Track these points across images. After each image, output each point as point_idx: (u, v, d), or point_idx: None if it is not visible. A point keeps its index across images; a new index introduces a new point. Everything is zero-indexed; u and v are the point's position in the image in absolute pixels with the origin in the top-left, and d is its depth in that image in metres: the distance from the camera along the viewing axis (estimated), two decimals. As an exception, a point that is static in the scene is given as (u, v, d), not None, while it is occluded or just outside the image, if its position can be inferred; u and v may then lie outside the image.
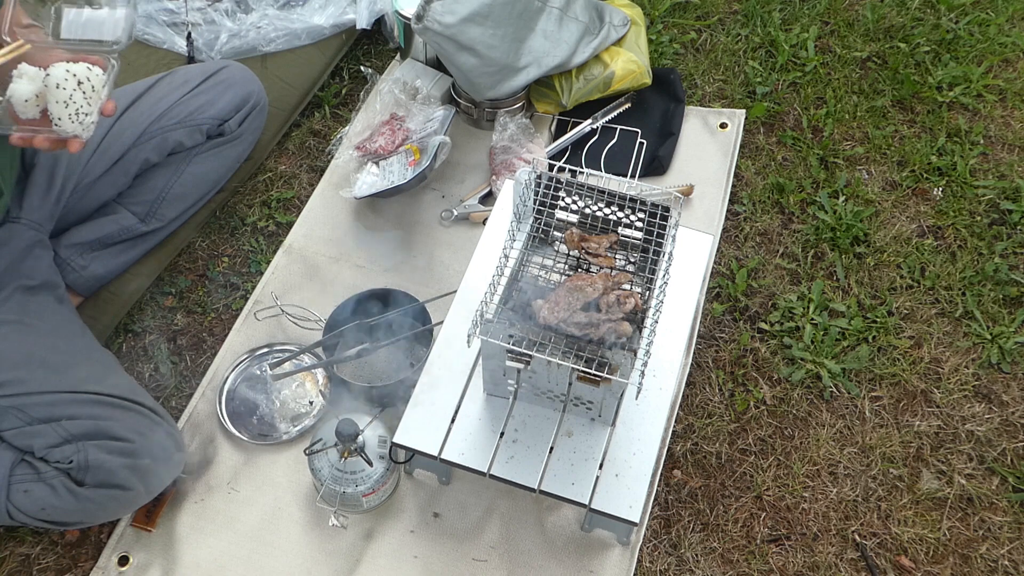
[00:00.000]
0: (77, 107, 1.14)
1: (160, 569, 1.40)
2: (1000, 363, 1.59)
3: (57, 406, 1.29)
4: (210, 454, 1.51)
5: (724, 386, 1.58)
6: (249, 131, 1.73)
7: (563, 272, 1.26)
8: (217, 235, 1.80)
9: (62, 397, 1.29)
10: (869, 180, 1.84)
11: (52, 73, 1.14)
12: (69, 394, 1.30)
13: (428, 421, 1.30)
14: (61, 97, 1.14)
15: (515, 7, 1.74)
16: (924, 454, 1.50)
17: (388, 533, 1.43)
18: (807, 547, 1.42)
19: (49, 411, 1.29)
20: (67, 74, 1.14)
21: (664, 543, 1.42)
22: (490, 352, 1.20)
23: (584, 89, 1.90)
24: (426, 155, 1.75)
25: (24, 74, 1.15)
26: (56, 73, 1.13)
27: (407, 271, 1.74)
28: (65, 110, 1.14)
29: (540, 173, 1.25)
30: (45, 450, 1.29)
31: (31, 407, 1.29)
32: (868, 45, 2.08)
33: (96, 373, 1.36)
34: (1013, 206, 1.78)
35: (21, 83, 1.15)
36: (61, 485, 1.28)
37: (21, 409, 1.29)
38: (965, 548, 1.41)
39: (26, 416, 1.29)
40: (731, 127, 1.93)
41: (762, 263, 1.73)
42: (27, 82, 1.15)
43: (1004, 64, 2.03)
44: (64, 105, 1.14)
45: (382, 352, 1.62)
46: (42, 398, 1.29)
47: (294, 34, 1.97)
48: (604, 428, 1.29)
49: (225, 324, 1.68)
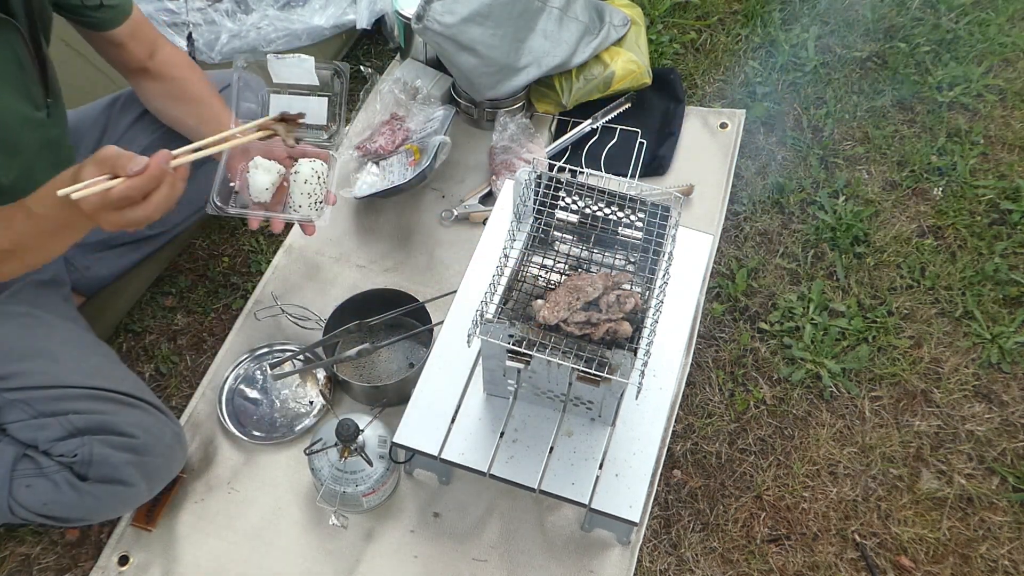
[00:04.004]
0: (316, 197, 1.34)
1: (160, 569, 1.40)
2: (1000, 363, 1.59)
3: (63, 400, 1.29)
4: (210, 454, 1.51)
5: (724, 386, 1.58)
6: None
7: (563, 272, 1.26)
8: (217, 235, 1.80)
9: (68, 392, 1.30)
10: (870, 180, 1.84)
11: (301, 170, 1.32)
12: (75, 389, 1.30)
13: (428, 421, 1.30)
14: (306, 189, 1.32)
15: (515, 7, 1.74)
16: (924, 454, 1.50)
17: (388, 533, 1.43)
18: (807, 547, 1.42)
19: (55, 405, 1.29)
20: (312, 171, 1.32)
21: (664, 543, 1.42)
22: (490, 352, 1.20)
23: (584, 89, 1.90)
24: (426, 155, 1.75)
25: (259, 165, 1.31)
26: (304, 170, 1.32)
27: (407, 271, 1.74)
28: (307, 199, 1.33)
29: (540, 173, 1.25)
30: (50, 443, 1.29)
31: (37, 400, 1.29)
32: (868, 45, 2.08)
33: (102, 369, 1.36)
34: (1013, 206, 1.78)
35: (259, 173, 1.31)
36: (63, 480, 1.29)
37: (27, 402, 1.29)
38: (965, 548, 1.41)
39: (32, 409, 1.29)
40: (731, 127, 1.93)
41: (762, 263, 1.73)
42: (264, 173, 1.31)
43: (1004, 64, 2.03)
44: (307, 196, 1.33)
45: (382, 352, 1.62)
46: (48, 392, 1.29)
47: (294, 34, 1.97)
48: (604, 428, 1.29)
49: (225, 324, 1.68)
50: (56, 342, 1.35)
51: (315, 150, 1.36)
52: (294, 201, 1.34)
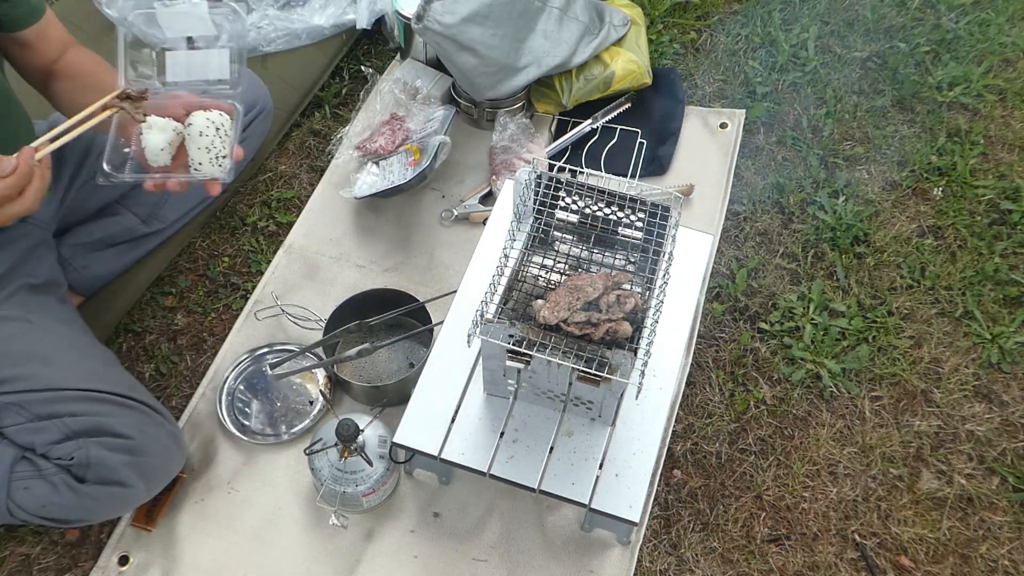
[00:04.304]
0: (217, 152, 1.21)
1: (160, 569, 1.40)
2: (1000, 363, 1.59)
3: (59, 403, 1.29)
4: (210, 454, 1.51)
5: (724, 386, 1.58)
6: (254, 135, 1.74)
7: (563, 272, 1.26)
8: (217, 235, 1.80)
9: (64, 394, 1.30)
10: (870, 180, 1.84)
11: (194, 122, 1.20)
12: (71, 391, 1.30)
13: (428, 421, 1.30)
14: (203, 144, 1.20)
15: (515, 7, 1.74)
16: (924, 454, 1.50)
17: (388, 533, 1.43)
18: (807, 547, 1.42)
19: (51, 408, 1.29)
20: (207, 122, 1.20)
21: (664, 543, 1.42)
22: (490, 352, 1.20)
23: (584, 89, 1.90)
24: (426, 155, 1.75)
25: (153, 125, 1.20)
26: (197, 122, 1.20)
27: (407, 271, 1.74)
28: (207, 155, 1.21)
29: (540, 173, 1.25)
30: (46, 447, 1.29)
31: (33, 404, 1.29)
32: (868, 45, 2.08)
33: (98, 370, 1.36)
34: (1013, 206, 1.78)
35: (152, 134, 1.20)
36: (62, 482, 1.28)
37: (23, 406, 1.29)
38: (965, 548, 1.41)
39: (28, 412, 1.29)
40: (731, 127, 1.93)
41: (762, 263, 1.73)
42: (158, 132, 1.20)
43: (1004, 64, 2.03)
44: (206, 151, 1.21)
45: (382, 352, 1.62)
46: (44, 395, 1.29)
47: (294, 34, 1.97)
48: (604, 428, 1.29)
49: (225, 324, 1.68)
50: (50, 345, 1.35)
51: (213, 102, 1.25)
52: (193, 159, 1.22)
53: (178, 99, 1.23)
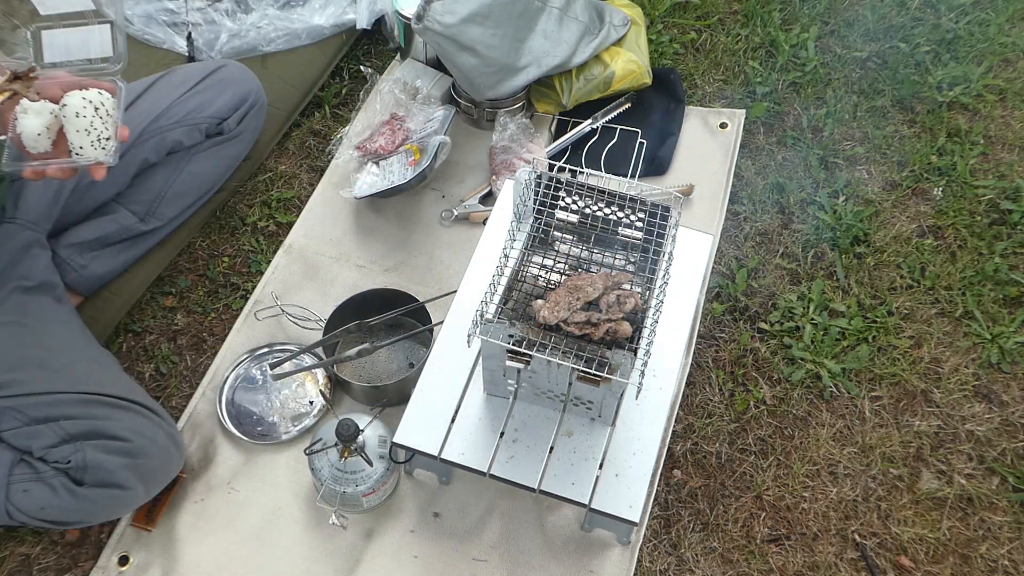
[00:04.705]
0: (98, 133, 1.14)
1: (160, 569, 1.40)
2: (1000, 363, 1.59)
3: (55, 406, 1.29)
4: (210, 454, 1.51)
5: (724, 386, 1.58)
6: (248, 130, 1.73)
7: (563, 272, 1.26)
8: (217, 235, 1.80)
9: (60, 397, 1.29)
10: (870, 180, 1.84)
11: (69, 103, 1.12)
12: (67, 394, 1.30)
13: (428, 421, 1.30)
14: (81, 126, 1.13)
15: (515, 7, 1.74)
16: (924, 454, 1.50)
17: (388, 533, 1.43)
18: (807, 547, 1.42)
19: (47, 411, 1.29)
20: (84, 101, 1.12)
21: (664, 543, 1.42)
22: (490, 352, 1.20)
23: (584, 89, 1.90)
24: (426, 155, 1.75)
25: (28, 109, 1.12)
26: (73, 102, 1.12)
27: (407, 271, 1.74)
28: (87, 138, 1.13)
29: (540, 173, 1.25)
30: (44, 450, 1.29)
31: (29, 407, 1.29)
32: (868, 45, 2.08)
33: (94, 373, 1.36)
34: (1013, 206, 1.78)
35: (28, 118, 1.12)
36: (60, 485, 1.28)
37: (19, 410, 1.29)
38: (965, 548, 1.41)
39: (24, 416, 1.29)
40: (731, 127, 1.93)
41: (762, 263, 1.73)
42: (34, 116, 1.12)
43: (1004, 64, 2.03)
44: (86, 133, 1.13)
45: (382, 352, 1.62)
46: (40, 399, 1.29)
47: (294, 34, 1.97)
48: (604, 428, 1.29)
49: (225, 324, 1.68)
50: (45, 348, 1.35)
51: (92, 81, 1.17)
52: (73, 143, 1.14)
53: (55, 80, 1.16)
